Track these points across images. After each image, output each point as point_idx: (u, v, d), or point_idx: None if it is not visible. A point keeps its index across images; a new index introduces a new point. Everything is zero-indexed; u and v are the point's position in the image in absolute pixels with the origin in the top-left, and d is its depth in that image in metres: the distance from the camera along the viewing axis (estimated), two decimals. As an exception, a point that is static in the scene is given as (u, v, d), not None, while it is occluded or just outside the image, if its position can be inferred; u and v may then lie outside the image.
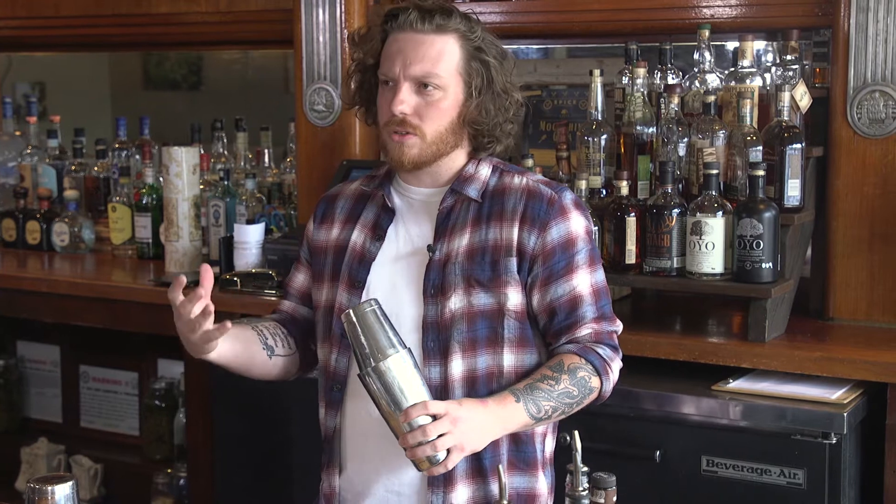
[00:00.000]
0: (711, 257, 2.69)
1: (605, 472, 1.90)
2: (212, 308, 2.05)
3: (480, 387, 2.16)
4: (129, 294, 3.47)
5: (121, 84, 6.26)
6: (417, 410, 1.99)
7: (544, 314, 2.18)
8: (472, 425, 2.03)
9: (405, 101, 2.13)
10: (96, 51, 5.11)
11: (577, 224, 2.18)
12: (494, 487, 2.15)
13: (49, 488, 1.75)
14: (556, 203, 2.17)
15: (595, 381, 2.15)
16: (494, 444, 2.14)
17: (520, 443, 2.19)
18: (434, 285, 2.16)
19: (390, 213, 2.24)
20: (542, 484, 2.22)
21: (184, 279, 2.07)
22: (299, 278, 2.36)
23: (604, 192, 2.89)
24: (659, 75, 2.96)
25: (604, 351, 2.18)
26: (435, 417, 2.00)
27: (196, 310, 2.04)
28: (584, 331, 2.17)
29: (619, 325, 2.24)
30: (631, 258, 2.78)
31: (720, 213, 2.68)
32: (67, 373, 4.31)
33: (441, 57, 2.13)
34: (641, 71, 2.86)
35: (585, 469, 1.90)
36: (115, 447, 4.14)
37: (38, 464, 4.11)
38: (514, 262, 2.15)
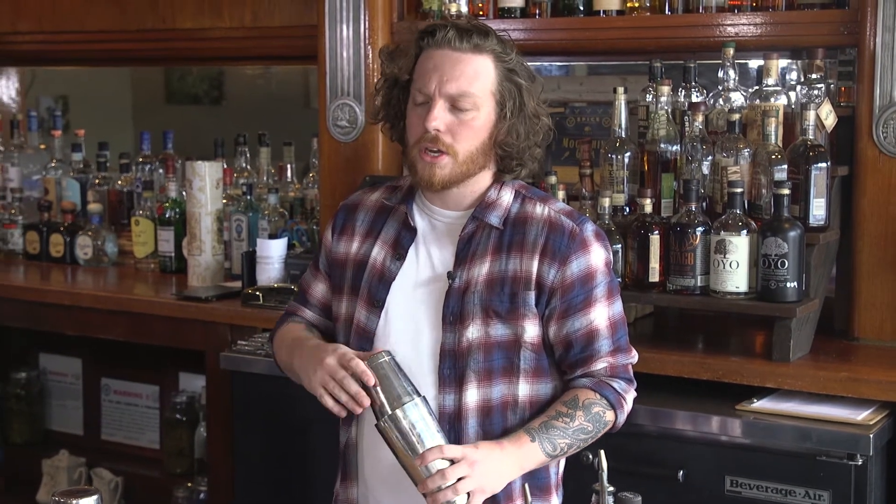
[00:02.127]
0: (736, 276, 2.66)
1: (630, 492, 1.88)
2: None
3: (495, 416, 2.16)
4: (151, 307, 3.46)
5: (143, 98, 6.28)
6: (434, 454, 2.00)
7: (560, 346, 2.18)
8: (490, 467, 2.03)
9: (439, 117, 2.11)
10: (120, 65, 5.12)
11: (598, 257, 2.17)
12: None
13: (74, 502, 1.74)
14: (578, 237, 2.16)
15: (609, 415, 2.17)
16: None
17: (535, 470, 2.18)
18: (453, 313, 2.15)
19: (412, 231, 2.23)
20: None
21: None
22: (319, 288, 2.34)
23: (627, 209, 2.87)
24: (683, 93, 2.94)
25: (619, 385, 2.18)
26: (452, 462, 2.00)
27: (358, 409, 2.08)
28: (600, 365, 2.18)
29: (634, 356, 2.24)
30: (654, 276, 2.76)
31: (745, 231, 2.66)
32: (89, 385, 4.30)
33: (477, 76, 2.12)
34: (665, 89, 2.85)
35: (612, 489, 1.88)
36: (135, 460, 4.13)
37: (60, 476, 4.10)
38: (532, 295, 2.14)
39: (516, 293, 2.13)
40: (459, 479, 1.99)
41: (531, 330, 2.15)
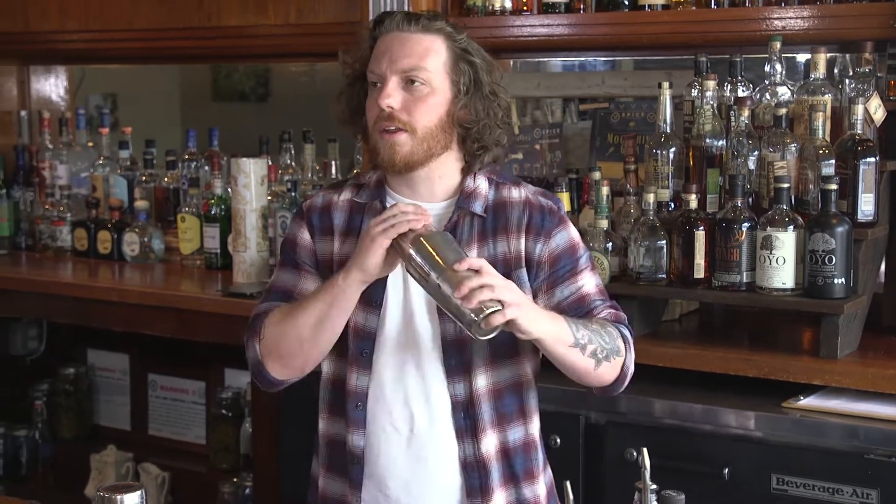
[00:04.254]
0: (782, 272, 2.64)
1: (673, 490, 1.87)
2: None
3: (507, 397, 2.19)
4: (197, 304, 3.49)
5: (191, 96, 6.34)
6: (476, 262, 1.99)
7: None
8: (525, 299, 2.04)
9: (392, 94, 2.13)
10: (167, 63, 5.17)
11: (574, 232, 2.25)
12: (527, 492, 2.21)
13: (118, 497, 1.75)
14: (556, 213, 2.23)
15: (621, 344, 2.17)
16: (526, 448, 2.21)
17: (529, 450, 2.22)
18: None
19: None
20: (542, 488, 2.26)
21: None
22: (308, 286, 2.25)
23: (672, 205, 2.86)
24: (729, 88, 2.92)
25: (623, 329, 2.20)
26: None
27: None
28: (602, 313, 2.21)
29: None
30: (699, 272, 2.75)
31: (791, 227, 2.63)
32: (136, 381, 4.35)
33: (428, 53, 2.15)
34: (711, 83, 2.83)
35: (654, 487, 1.87)
36: (181, 455, 4.17)
37: (107, 471, 4.15)
38: (524, 272, 2.19)
39: (510, 273, 2.16)
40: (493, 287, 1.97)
41: None
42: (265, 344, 2.21)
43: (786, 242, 2.63)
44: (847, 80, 2.82)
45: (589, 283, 2.23)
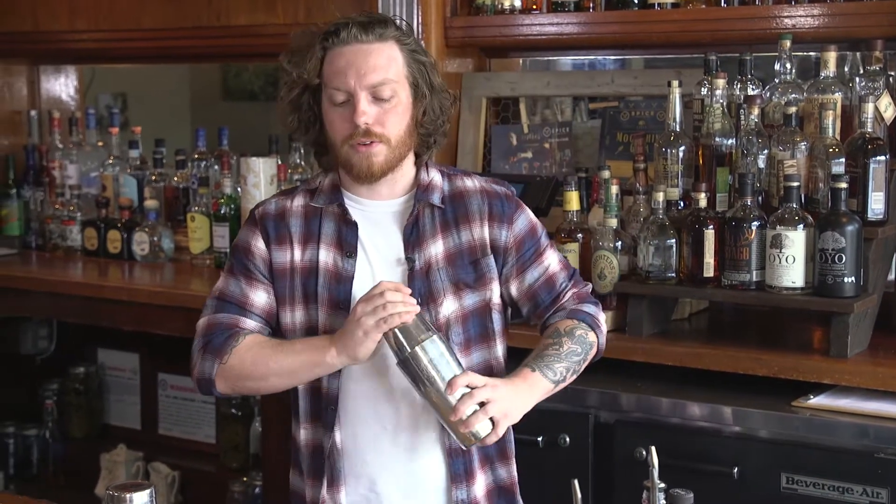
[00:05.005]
0: (792, 271, 2.64)
1: (682, 489, 1.87)
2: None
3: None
4: (206, 303, 3.50)
5: (200, 95, 6.35)
6: (463, 379, 2.08)
7: (526, 299, 2.32)
8: (510, 394, 2.13)
9: (367, 111, 2.16)
10: (177, 62, 5.18)
11: (531, 213, 2.35)
12: (503, 472, 2.32)
13: (127, 496, 1.76)
14: (512, 199, 2.32)
15: (591, 336, 2.29)
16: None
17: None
18: (421, 294, 2.21)
19: (353, 226, 2.24)
20: (514, 469, 2.36)
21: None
22: (261, 297, 2.27)
23: (681, 204, 2.86)
24: (739, 86, 2.92)
25: (589, 308, 2.32)
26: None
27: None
28: (566, 297, 2.32)
29: (590, 284, 2.42)
30: (709, 271, 2.75)
31: (801, 225, 2.63)
32: (146, 380, 4.36)
33: (390, 63, 2.19)
34: (721, 82, 2.83)
35: (662, 485, 1.87)
36: (191, 455, 4.18)
37: (118, 470, 4.16)
38: (491, 259, 2.27)
39: (477, 260, 2.26)
40: (485, 404, 2.08)
41: (497, 291, 2.29)
42: (224, 369, 2.23)
43: (796, 241, 2.63)
44: (857, 79, 2.81)
45: (553, 260, 2.34)
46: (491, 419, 2.09)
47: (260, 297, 2.27)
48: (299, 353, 2.19)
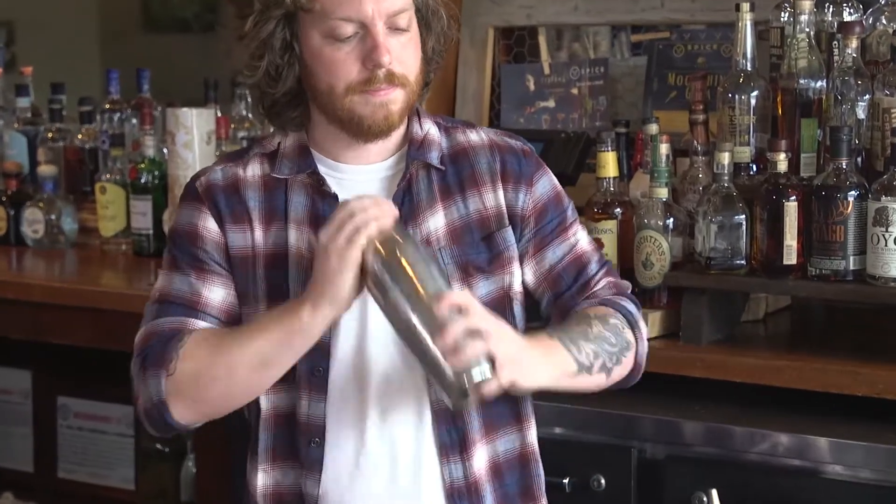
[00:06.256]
0: (901, 256, 2.67)
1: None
2: None
3: (497, 401, 2.20)
4: (122, 303, 3.50)
5: (113, 24, 6.36)
6: (456, 297, 2.03)
7: (548, 285, 2.31)
8: (518, 342, 2.09)
9: (391, 47, 2.17)
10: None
11: (554, 177, 2.36)
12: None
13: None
14: (531, 155, 2.34)
15: (629, 334, 2.27)
16: (522, 461, 2.29)
17: (526, 463, 2.30)
18: None
19: (331, 199, 2.24)
20: None
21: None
22: (217, 293, 2.27)
23: (754, 167, 2.88)
24: (831, 10, 2.93)
25: (628, 304, 2.30)
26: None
27: None
28: (601, 284, 2.31)
29: (629, 284, 2.41)
30: (791, 257, 2.77)
31: (914, 196, 2.66)
32: (41, 407, 4.38)
33: None
34: (807, 4, 2.84)
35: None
36: (102, 504, 4.21)
37: (3, 526, 4.19)
38: (509, 231, 2.28)
39: (491, 235, 2.26)
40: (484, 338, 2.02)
41: (518, 276, 2.30)
42: (175, 381, 2.19)
43: (906, 217, 2.66)
44: None
45: (583, 237, 2.35)
46: (492, 362, 2.01)
47: (216, 293, 2.26)
48: (267, 327, 2.15)
